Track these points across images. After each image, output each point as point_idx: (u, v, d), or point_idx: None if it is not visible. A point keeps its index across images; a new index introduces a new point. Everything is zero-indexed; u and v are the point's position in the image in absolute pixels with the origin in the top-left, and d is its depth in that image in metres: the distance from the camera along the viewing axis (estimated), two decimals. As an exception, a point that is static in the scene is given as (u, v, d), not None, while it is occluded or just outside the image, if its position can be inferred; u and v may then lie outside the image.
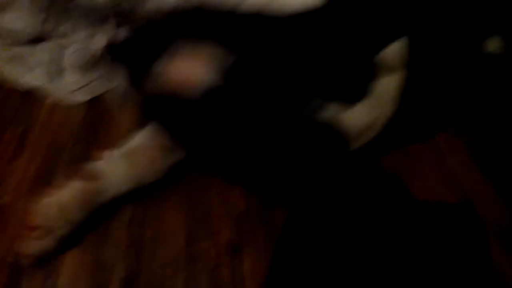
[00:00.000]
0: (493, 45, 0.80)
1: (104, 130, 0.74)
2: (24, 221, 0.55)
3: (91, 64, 0.82)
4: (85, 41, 0.81)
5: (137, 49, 0.61)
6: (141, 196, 0.64)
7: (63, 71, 0.79)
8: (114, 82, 0.79)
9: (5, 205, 0.62)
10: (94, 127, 0.75)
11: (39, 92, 0.79)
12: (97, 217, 0.60)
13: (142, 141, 0.64)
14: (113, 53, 0.53)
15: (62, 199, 0.56)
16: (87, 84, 0.78)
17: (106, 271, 0.56)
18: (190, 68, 0.56)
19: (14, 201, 0.62)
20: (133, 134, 0.66)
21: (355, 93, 0.57)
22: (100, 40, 0.84)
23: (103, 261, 0.57)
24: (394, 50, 0.61)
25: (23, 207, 0.59)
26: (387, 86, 0.61)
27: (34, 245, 0.54)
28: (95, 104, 0.78)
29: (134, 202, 0.63)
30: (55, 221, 0.55)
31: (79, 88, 0.77)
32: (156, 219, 0.62)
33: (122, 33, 0.85)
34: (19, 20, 0.82)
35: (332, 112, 0.56)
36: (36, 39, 0.82)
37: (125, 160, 0.61)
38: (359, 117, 0.58)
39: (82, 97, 0.77)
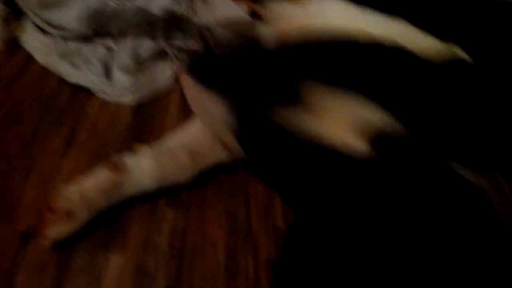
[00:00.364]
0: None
1: (150, 132, 0.75)
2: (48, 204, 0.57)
3: (140, 66, 0.83)
4: (135, 44, 0.82)
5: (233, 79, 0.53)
6: (181, 203, 0.65)
7: (112, 72, 0.80)
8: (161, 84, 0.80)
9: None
10: (140, 129, 0.76)
11: (88, 91, 0.80)
12: (120, 208, 0.61)
13: (172, 144, 0.65)
14: (200, 76, 0.50)
15: (85, 186, 0.58)
16: (133, 87, 0.79)
17: (149, 278, 0.56)
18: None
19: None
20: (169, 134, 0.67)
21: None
22: (149, 43, 0.85)
23: (145, 268, 0.58)
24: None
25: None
26: None
27: (53, 228, 0.56)
28: (142, 106, 0.79)
29: (176, 211, 0.64)
30: (76, 206, 0.56)
31: (127, 90, 0.78)
32: (197, 230, 0.62)
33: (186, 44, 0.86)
34: (71, 17, 0.84)
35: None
36: (87, 38, 0.84)
37: (152, 160, 0.62)
38: None
39: (129, 98, 0.79)
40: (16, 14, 0.88)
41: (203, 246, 0.61)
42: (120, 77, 0.79)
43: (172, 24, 0.90)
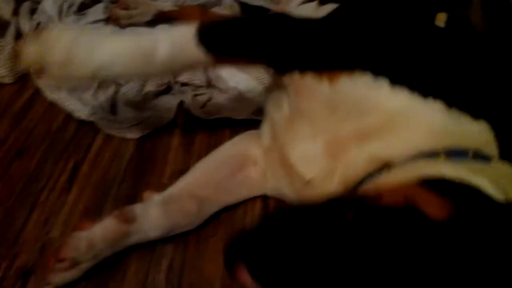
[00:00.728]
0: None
1: (153, 167, 0.77)
2: (55, 251, 0.57)
3: (144, 102, 0.85)
4: (140, 80, 0.85)
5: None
6: (180, 239, 0.66)
7: (119, 108, 0.82)
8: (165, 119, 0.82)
9: (53, 239, 0.65)
10: (143, 163, 0.77)
11: (92, 125, 0.82)
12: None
13: (178, 191, 0.66)
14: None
15: (92, 235, 0.58)
16: (138, 122, 0.81)
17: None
18: None
19: (61, 236, 0.65)
20: (176, 180, 0.68)
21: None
22: (157, 79, 0.88)
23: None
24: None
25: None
26: None
27: (58, 276, 0.57)
28: (145, 141, 0.81)
29: (175, 247, 0.65)
30: (83, 255, 0.57)
31: (131, 125, 0.80)
32: (194, 268, 0.63)
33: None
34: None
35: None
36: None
37: (159, 208, 0.63)
38: None
39: (133, 134, 0.80)
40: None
41: (200, 283, 0.62)
42: (127, 112, 0.81)
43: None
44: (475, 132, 0.50)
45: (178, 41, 0.58)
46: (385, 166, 0.48)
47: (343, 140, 0.52)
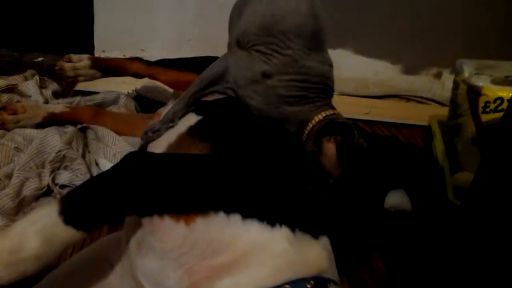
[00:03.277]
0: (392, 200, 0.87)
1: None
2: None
3: (22, 207, 0.86)
4: (17, 187, 0.86)
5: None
6: None
7: (-11, 215, 0.82)
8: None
9: None
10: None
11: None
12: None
13: None
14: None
15: None
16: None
17: None
18: None
19: None
20: None
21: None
22: (36, 183, 0.89)
23: None
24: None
25: None
26: None
27: None
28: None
29: None
30: None
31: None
32: None
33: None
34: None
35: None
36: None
37: None
38: None
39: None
40: None
41: None
42: (-2, 221, 0.81)
43: (61, 163, 0.95)
44: (315, 257, 0.57)
45: (42, 227, 0.54)
46: None
47: (198, 276, 0.55)
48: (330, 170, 0.75)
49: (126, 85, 1.35)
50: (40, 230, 0.54)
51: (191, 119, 0.84)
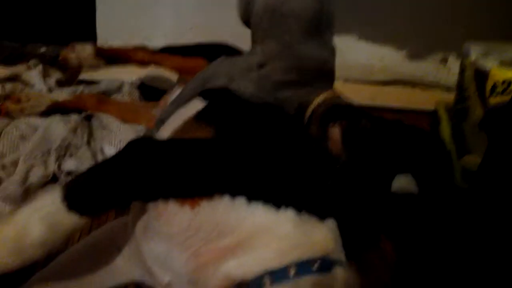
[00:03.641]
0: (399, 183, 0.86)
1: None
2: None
3: (29, 194, 0.86)
4: (23, 174, 0.86)
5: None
6: None
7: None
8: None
9: None
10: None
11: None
12: None
13: (31, 284, 0.64)
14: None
15: None
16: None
17: None
18: None
19: None
20: None
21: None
22: (41, 171, 0.89)
23: None
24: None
25: None
26: None
27: None
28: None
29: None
30: None
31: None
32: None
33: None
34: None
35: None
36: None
37: None
38: None
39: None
40: None
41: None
42: (4, 208, 0.81)
43: (66, 151, 0.95)
44: (321, 239, 0.57)
45: (46, 214, 0.55)
46: (239, 284, 0.52)
47: (204, 259, 0.55)
48: (337, 154, 0.74)
49: (129, 74, 1.34)
50: (43, 216, 0.54)
51: (197, 105, 0.84)
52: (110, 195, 0.57)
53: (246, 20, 0.90)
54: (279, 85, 0.82)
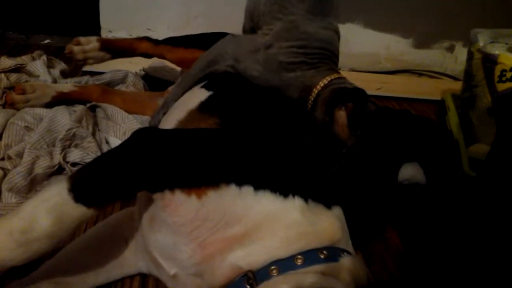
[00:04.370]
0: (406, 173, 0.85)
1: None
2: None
3: (34, 185, 0.86)
4: (29, 165, 0.86)
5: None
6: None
7: (0, 194, 0.82)
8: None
9: None
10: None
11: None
12: None
13: (38, 275, 0.64)
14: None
15: None
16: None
17: None
18: None
19: None
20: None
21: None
22: (47, 162, 0.88)
23: None
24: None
25: None
26: None
27: None
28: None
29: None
30: None
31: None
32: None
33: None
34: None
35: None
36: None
37: None
38: None
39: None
40: None
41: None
42: (9, 199, 0.81)
43: (71, 141, 0.95)
44: (328, 227, 0.56)
45: (53, 205, 0.54)
46: (246, 274, 0.52)
47: (211, 249, 0.55)
48: (344, 139, 0.74)
49: (133, 65, 1.33)
50: (50, 208, 0.54)
51: (201, 95, 0.83)
52: (116, 185, 0.56)
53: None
54: (284, 65, 0.82)
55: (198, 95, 0.84)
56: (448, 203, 0.92)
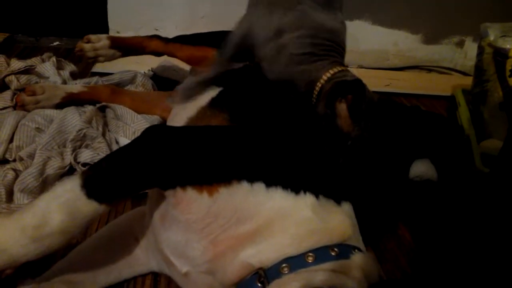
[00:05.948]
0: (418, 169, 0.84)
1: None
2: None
3: (46, 186, 0.86)
4: (40, 166, 0.86)
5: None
6: None
7: (14, 195, 0.82)
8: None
9: None
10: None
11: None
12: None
13: (50, 275, 0.64)
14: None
15: None
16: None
17: None
18: None
19: None
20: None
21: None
22: (58, 162, 0.89)
23: None
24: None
25: None
26: None
27: None
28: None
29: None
30: None
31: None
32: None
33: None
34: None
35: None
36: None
37: None
38: None
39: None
40: None
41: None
42: (22, 200, 0.81)
43: (82, 142, 0.95)
44: (338, 224, 0.55)
45: (65, 201, 0.54)
46: (257, 272, 0.52)
47: (222, 246, 0.55)
48: (348, 130, 0.73)
49: (141, 65, 1.34)
50: (63, 204, 0.54)
51: (212, 91, 0.83)
52: (128, 181, 0.56)
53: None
54: (294, 58, 0.82)
55: (209, 92, 0.84)
56: (460, 199, 0.91)
